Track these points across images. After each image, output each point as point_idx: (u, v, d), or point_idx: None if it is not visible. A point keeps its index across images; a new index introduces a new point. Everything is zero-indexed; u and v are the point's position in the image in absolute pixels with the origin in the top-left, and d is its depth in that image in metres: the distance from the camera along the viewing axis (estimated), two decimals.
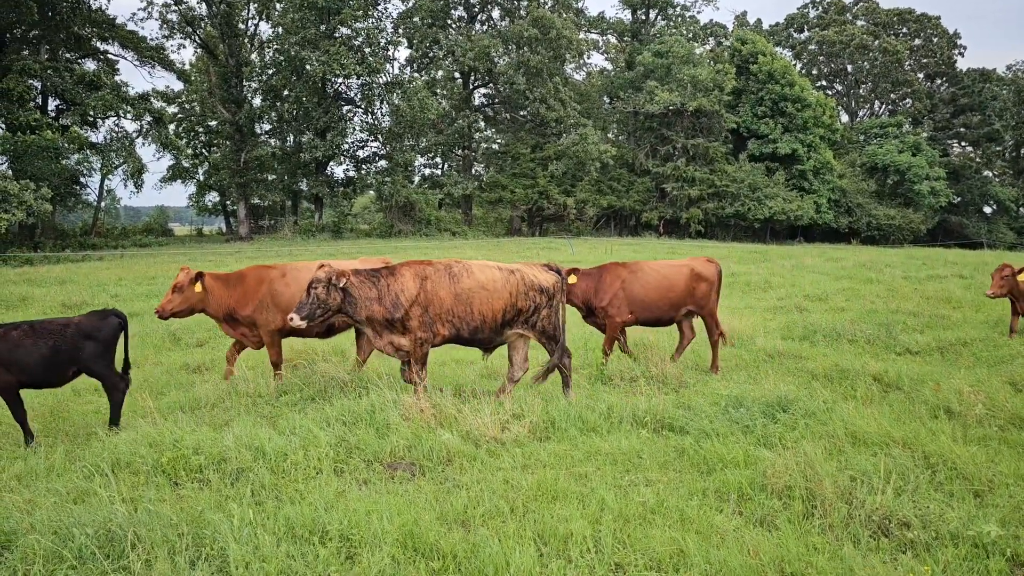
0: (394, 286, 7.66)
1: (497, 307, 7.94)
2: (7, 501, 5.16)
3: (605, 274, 9.99)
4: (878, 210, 58.42)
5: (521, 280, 8.06)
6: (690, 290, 10.08)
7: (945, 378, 8.85)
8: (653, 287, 9.94)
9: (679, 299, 10.04)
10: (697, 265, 10.34)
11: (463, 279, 7.82)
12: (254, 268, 9.36)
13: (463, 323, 7.86)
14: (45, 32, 38.94)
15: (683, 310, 10.12)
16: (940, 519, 4.99)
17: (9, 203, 30.33)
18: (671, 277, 10.08)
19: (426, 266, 7.85)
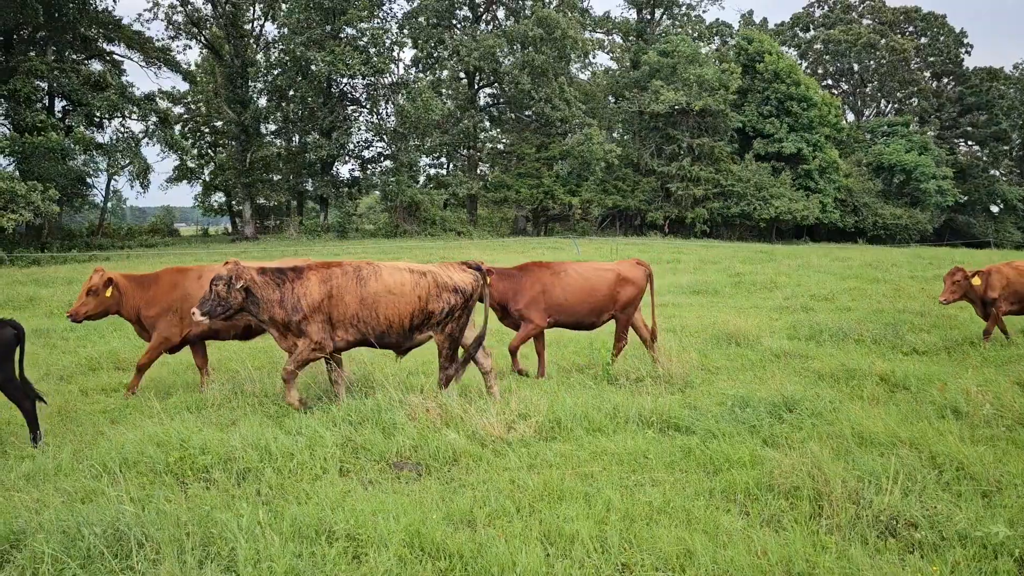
0: (298, 289, 7.52)
1: (405, 311, 7.74)
2: (16, 501, 5.17)
3: (525, 276, 9.63)
4: (884, 209, 58.27)
5: (433, 282, 7.86)
6: (614, 295, 9.75)
7: (952, 378, 8.82)
8: (575, 290, 9.58)
9: (602, 303, 9.74)
10: (624, 268, 10.01)
11: (370, 283, 7.63)
12: (168, 271, 9.11)
13: (369, 328, 7.68)
14: (51, 33, 39.06)
15: (606, 315, 9.86)
16: (948, 520, 4.97)
17: (16, 204, 30.44)
18: (594, 280, 9.74)
19: (334, 269, 7.69)
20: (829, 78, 74.37)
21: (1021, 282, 11.36)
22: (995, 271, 11.45)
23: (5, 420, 7.71)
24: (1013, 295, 11.36)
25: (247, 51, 49.02)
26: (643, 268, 10.17)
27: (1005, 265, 11.62)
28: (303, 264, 7.79)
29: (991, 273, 11.42)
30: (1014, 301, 11.40)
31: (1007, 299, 11.33)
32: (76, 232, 43.92)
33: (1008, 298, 11.33)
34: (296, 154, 50.05)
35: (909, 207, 59.22)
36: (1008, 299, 11.34)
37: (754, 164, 55.93)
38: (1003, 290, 11.27)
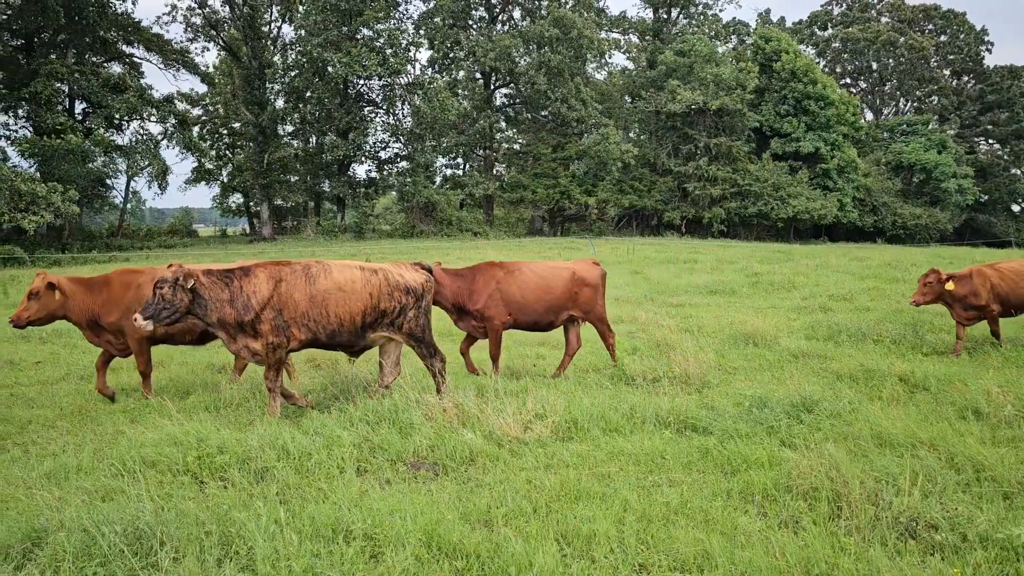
0: (247, 288, 7.40)
1: (356, 309, 7.63)
2: (38, 499, 5.23)
3: (479, 275, 9.49)
4: (904, 209, 57.78)
5: (384, 280, 7.77)
6: (571, 294, 9.69)
7: (973, 379, 8.73)
8: (531, 289, 9.49)
9: (559, 303, 9.64)
10: (579, 268, 9.93)
11: (320, 280, 7.54)
12: (120, 272, 8.84)
13: (319, 326, 7.57)
14: (72, 36, 39.50)
15: (564, 315, 9.74)
16: (969, 521, 4.92)
17: (37, 205, 30.80)
18: (550, 279, 9.64)
19: (282, 267, 7.59)
20: (847, 77, 73.81)
21: (1002, 285, 11.04)
22: (977, 273, 11.14)
23: (27, 420, 7.81)
24: (996, 297, 11.06)
25: (264, 53, 49.34)
26: (598, 268, 10.07)
27: (986, 266, 11.31)
28: (251, 264, 7.67)
29: (973, 275, 11.10)
30: (999, 303, 11.10)
31: (993, 301, 11.04)
32: (96, 233, 44.38)
33: (994, 300, 11.05)
34: (313, 155, 50.31)
35: (929, 206, 58.67)
36: (994, 301, 11.05)
37: (771, 164, 55.64)
38: (989, 293, 10.97)
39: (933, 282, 11.02)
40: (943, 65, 72.16)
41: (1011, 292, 11.05)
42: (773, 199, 54.25)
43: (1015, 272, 11.20)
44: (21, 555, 4.53)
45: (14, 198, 30.30)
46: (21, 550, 4.56)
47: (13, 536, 4.65)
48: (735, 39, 70.15)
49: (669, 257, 29.97)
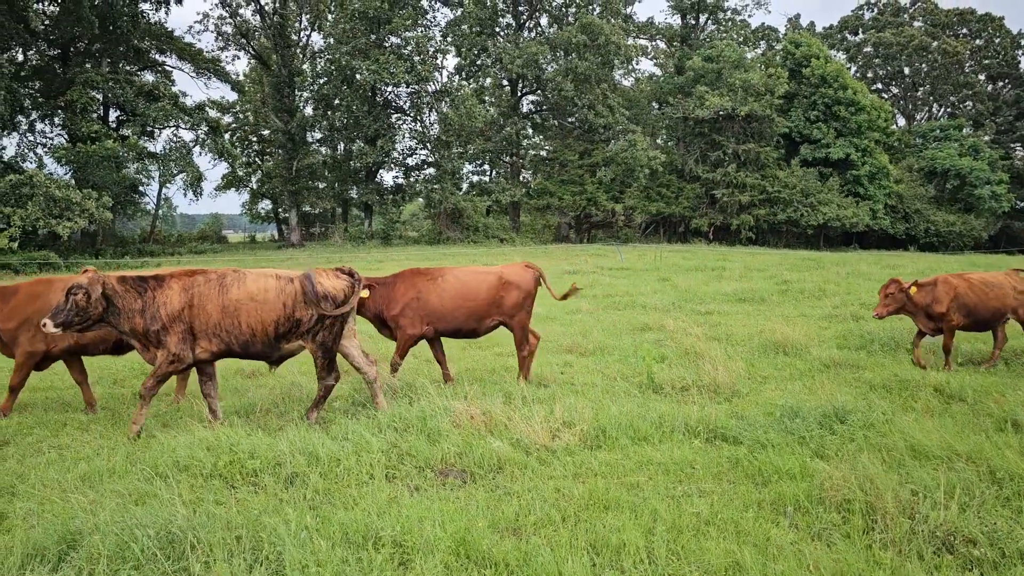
0: (159, 298, 7.26)
1: (268, 319, 7.44)
2: (73, 502, 5.30)
3: (399, 282, 9.30)
4: (937, 216, 56.90)
5: (300, 289, 7.57)
6: (496, 299, 9.34)
7: (1011, 389, 8.57)
8: (451, 296, 9.19)
9: (482, 309, 9.31)
10: (508, 272, 9.57)
11: (232, 290, 7.37)
12: (31, 282, 8.55)
13: (232, 337, 7.41)
14: (106, 45, 40.23)
15: (489, 321, 9.42)
16: (1008, 536, 4.81)
17: (72, 211, 31.35)
18: (473, 285, 9.34)
19: (197, 276, 7.42)
20: (879, 82, 72.94)
21: (970, 295, 10.56)
22: (942, 282, 10.67)
23: (61, 423, 7.92)
24: (962, 308, 10.53)
25: (294, 61, 49.87)
26: (531, 272, 9.71)
27: (954, 276, 10.85)
28: (166, 272, 7.51)
29: (937, 284, 10.65)
30: (964, 315, 10.57)
31: (956, 312, 10.52)
32: (128, 239, 45.05)
33: (958, 311, 10.52)
34: (341, 162, 50.72)
35: (963, 213, 57.72)
36: (958, 312, 10.53)
37: (801, 170, 55.10)
38: (951, 303, 10.47)
39: (894, 292, 10.60)
40: (978, 70, 71.04)
41: (980, 303, 10.59)
42: (803, 206, 53.71)
43: (985, 283, 10.80)
44: (57, 557, 4.59)
45: (49, 204, 30.88)
46: (57, 552, 4.63)
47: (49, 538, 4.71)
48: (764, 44, 69.68)
49: (697, 264, 29.77)
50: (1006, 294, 10.80)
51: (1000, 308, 10.75)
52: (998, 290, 10.79)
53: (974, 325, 10.80)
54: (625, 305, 17.38)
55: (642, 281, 23.06)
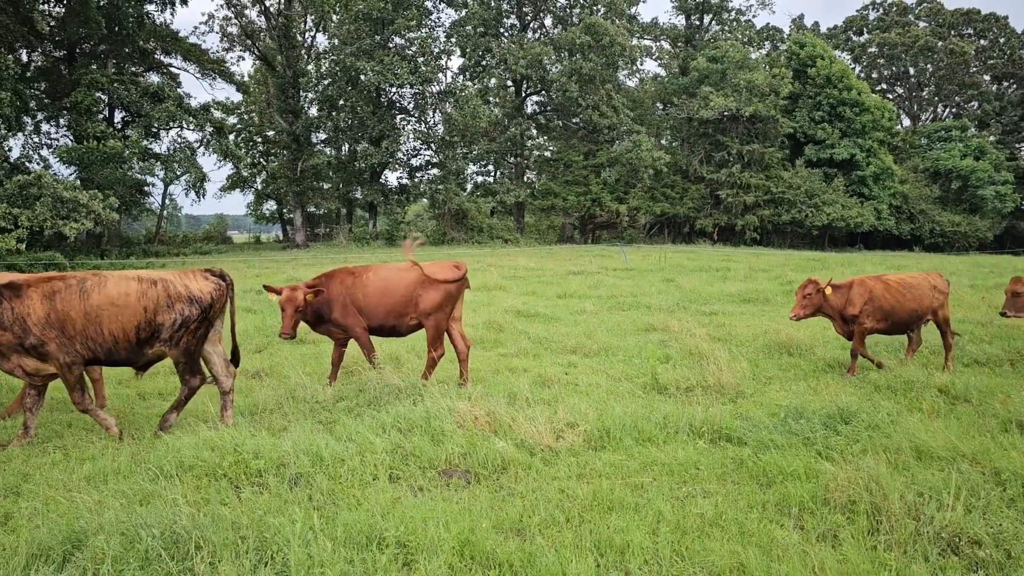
0: (18, 309, 6.92)
1: (129, 324, 7.15)
2: (78, 502, 5.32)
3: (332, 283, 9.20)
4: (942, 216, 56.82)
5: (164, 292, 7.26)
6: (414, 298, 9.16)
7: (1016, 390, 8.54)
8: (373, 294, 9.12)
9: (399, 308, 9.17)
10: (431, 269, 9.35)
11: (93, 295, 7.07)
12: None
13: (96, 344, 7.14)
14: (112, 47, 40.33)
15: (409, 320, 9.26)
16: (1014, 537, 4.81)
17: (78, 212, 31.42)
18: (392, 282, 9.19)
19: (55, 282, 7.09)
20: (884, 82, 72.81)
21: (887, 297, 10.25)
22: (858, 284, 10.38)
23: (66, 423, 7.95)
24: (878, 311, 10.22)
25: (299, 62, 49.93)
26: (458, 270, 9.44)
27: (870, 278, 10.53)
28: (21, 280, 7.12)
29: (853, 286, 10.35)
30: (880, 318, 10.26)
31: (871, 315, 10.19)
32: (134, 239, 45.15)
33: (872, 314, 10.20)
34: (346, 162, 50.77)
35: (968, 214, 57.60)
36: (872, 315, 10.20)
37: (805, 171, 55.06)
38: (865, 305, 10.18)
39: (812, 293, 10.25)
40: (983, 70, 70.89)
41: (897, 306, 10.28)
42: (807, 207, 53.67)
43: (903, 284, 10.50)
44: (62, 557, 4.60)
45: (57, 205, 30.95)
46: (62, 552, 4.64)
47: (54, 538, 4.72)
48: (768, 45, 69.62)
49: (701, 265, 29.74)
50: (923, 295, 10.50)
51: (917, 310, 10.45)
52: (916, 291, 10.48)
53: (892, 328, 10.49)
54: (629, 306, 17.37)
55: (646, 282, 23.04)
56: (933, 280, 10.81)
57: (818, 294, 10.24)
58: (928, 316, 10.65)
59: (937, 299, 10.64)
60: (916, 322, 10.64)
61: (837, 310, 10.35)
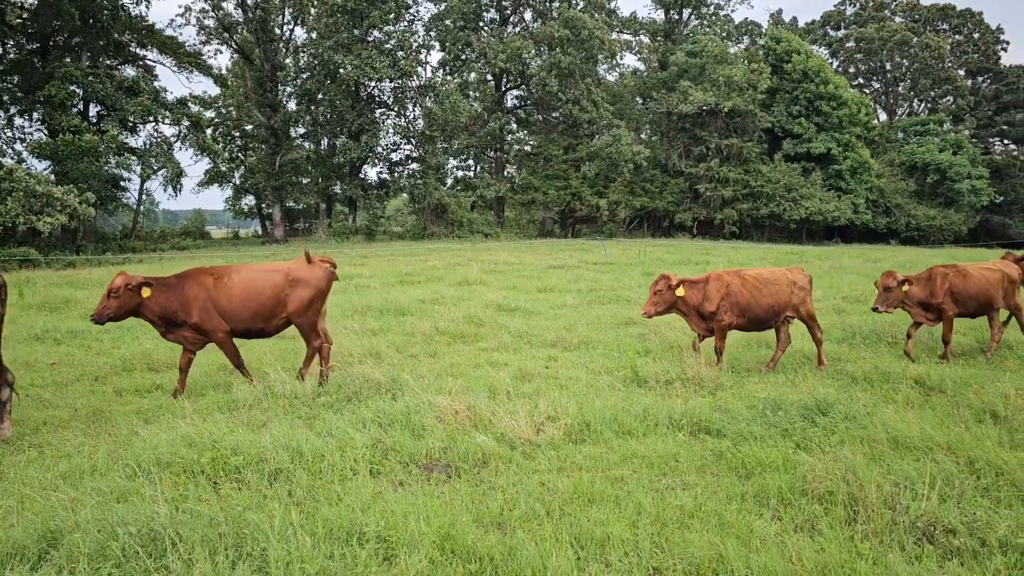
0: None
1: None
2: (53, 500, 5.25)
3: (188, 283, 8.74)
4: (918, 210, 57.48)
5: None
6: (282, 298, 8.97)
7: (990, 381, 8.66)
8: (237, 295, 8.78)
9: (267, 309, 8.94)
10: (295, 269, 9.20)
11: None
12: None
13: None
14: (86, 39, 39.77)
15: (278, 320, 9.07)
16: (987, 526, 4.87)
17: (53, 207, 31.01)
18: (259, 283, 8.93)
19: None
20: (860, 77, 73.48)
21: (743, 293, 9.92)
22: (714, 279, 10.06)
23: (41, 421, 7.85)
24: (735, 307, 9.91)
25: (277, 55, 49.55)
26: (323, 268, 9.35)
27: (727, 272, 10.20)
28: None
29: (709, 281, 10.02)
30: (738, 314, 9.94)
31: (729, 311, 9.89)
32: (110, 235, 44.62)
33: (730, 310, 9.89)
34: (325, 157, 50.48)
35: (943, 207, 58.30)
36: (730, 311, 9.90)
37: (783, 165, 55.48)
38: (722, 301, 9.87)
39: (663, 289, 9.91)
40: (958, 65, 71.72)
41: (753, 302, 9.95)
42: (785, 200, 54.10)
43: (760, 280, 10.15)
44: (37, 555, 4.55)
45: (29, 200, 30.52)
46: (37, 551, 4.59)
47: (29, 537, 4.67)
48: (747, 40, 70.01)
49: (681, 259, 29.88)
50: (781, 290, 10.13)
51: (774, 306, 10.07)
52: (774, 287, 10.12)
53: (751, 325, 10.17)
54: (609, 299, 17.41)
55: (626, 276, 23.11)
56: (793, 276, 10.40)
57: (669, 291, 9.91)
58: (790, 313, 10.27)
59: (797, 295, 10.25)
60: (774, 319, 10.22)
61: (693, 306, 10.03)
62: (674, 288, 9.88)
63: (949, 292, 10.60)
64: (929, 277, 10.75)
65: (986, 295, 10.79)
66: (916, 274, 10.93)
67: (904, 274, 10.64)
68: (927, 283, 10.70)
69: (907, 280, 10.48)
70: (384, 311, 15.06)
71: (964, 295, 10.65)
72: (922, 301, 10.68)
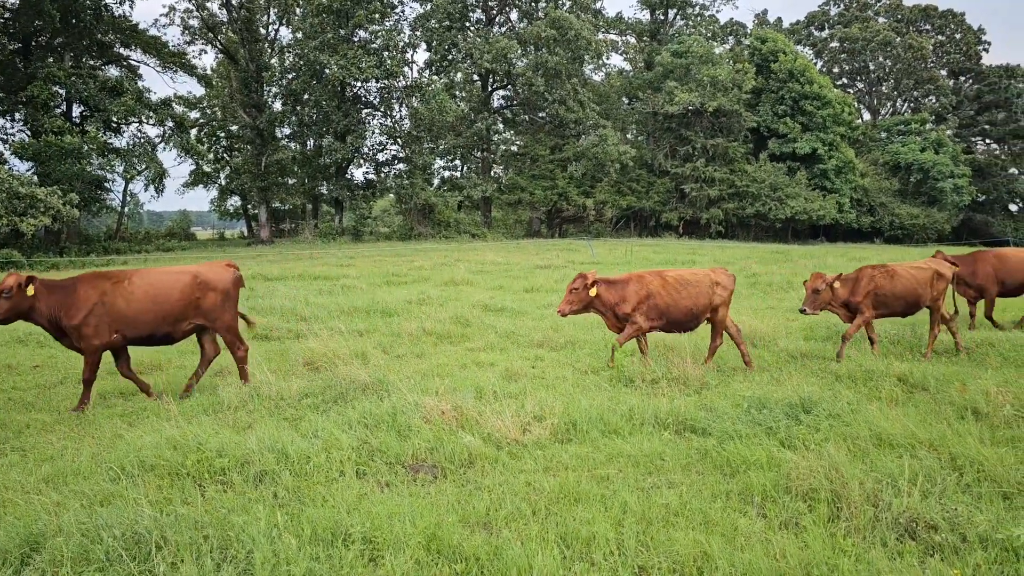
0: None
1: None
2: (36, 503, 5.22)
3: (80, 286, 8.37)
4: (901, 209, 57.93)
5: None
6: (192, 301, 8.77)
7: (972, 378, 8.73)
8: (139, 300, 8.46)
9: (175, 313, 8.67)
10: (204, 272, 8.98)
11: None
12: None
13: None
14: (69, 39, 39.47)
15: (185, 324, 8.82)
16: (968, 522, 4.92)
17: (36, 208, 30.75)
18: (165, 286, 8.67)
19: None
20: (844, 77, 73.94)
21: (662, 294, 9.73)
22: (635, 279, 9.88)
23: (24, 423, 7.79)
24: (653, 309, 9.73)
25: (262, 56, 49.31)
26: (230, 272, 9.21)
27: (649, 273, 10.05)
28: None
29: (630, 282, 9.83)
30: (655, 316, 9.76)
31: (645, 314, 9.69)
32: (94, 236, 44.29)
33: (647, 313, 9.70)
34: (311, 158, 50.30)
35: (926, 206, 58.78)
36: (647, 314, 9.70)
37: (769, 164, 55.79)
38: (640, 303, 9.69)
39: (579, 288, 9.68)
40: (940, 65, 72.31)
41: (672, 304, 9.76)
42: (771, 200, 54.39)
43: (681, 281, 9.95)
44: (19, 560, 4.52)
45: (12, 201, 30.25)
46: (19, 555, 4.55)
47: (11, 541, 4.63)
48: (732, 40, 70.33)
49: (668, 258, 29.98)
50: (702, 292, 9.92)
51: (693, 308, 9.89)
52: (693, 288, 9.90)
53: (669, 326, 9.94)
54: None
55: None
56: (716, 276, 10.17)
57: (585, 289, 9.66)
58: (708, 314, 10.10)
59: (719, 296, 10.05)
60: (693, 321, 10.03)
61: (609, 307, 9.79)
62: (588, 287, 9.67)
63: (873, 293, 10.62)
64: (857, 277, 10.79)
65: (913, 294, 10.82)
66: (846, 275, 10.92)
67: (833, 275, 10.64)
68: (854, 283, 10.74)
69: (836, 280, 10.50)
70: (371, 312, 15.04)
71: (890, 295, 10.69)
72: (845, 301, 10.71)
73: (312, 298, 16.72)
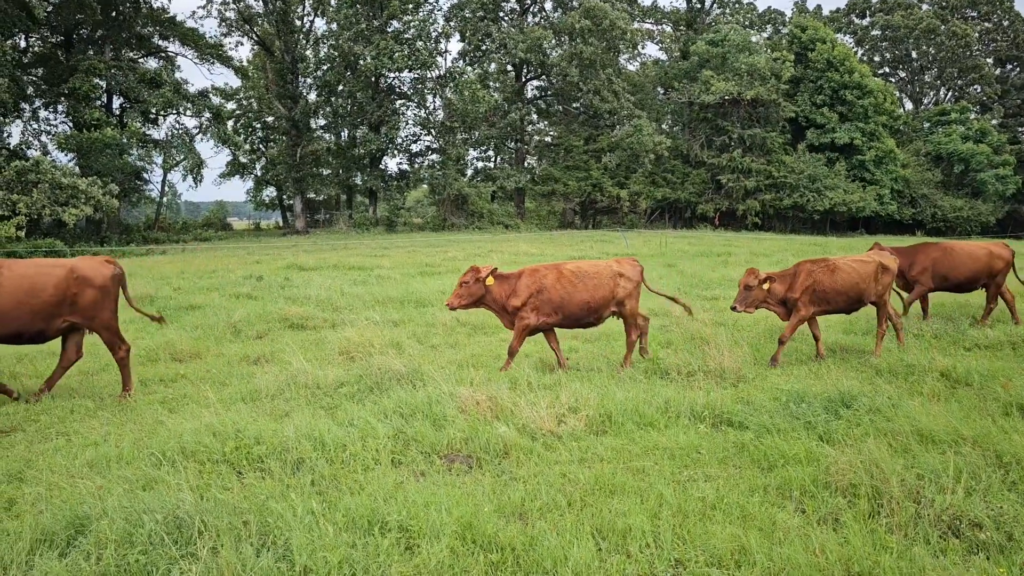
0: None
1: None
2: (80, 487, 5.32)
3: None
4: (944, 201, 56.65)
5: None
6: (67, 297, 8.23)
7: (1017, 374, 8.54)
8: (9, 292, 7.87)
9: (48, 309, 8.12)
10: (81, 266, 8.45)
11: None
12: None
13: None
14: (109, 32, 40.17)
15: (60, 322, 8.28)
16: (1015, 520, 4.80)
17: (77, 199, 31.39)
18: (40, 280, 8.10)
19: None
20: (886, 66, 72.45)
21: (557, 288, 9.17)
22: (528, 273, 9.35)
23: (69, 409, 7.96)
24: (546, 304, 9.17)
25: (297, 47, 49.71)
26: (111, 267, 8.70)
27: (544, 266, 9.43)
28: None
29: (522, 276, 9.33)
30: (548, 312, 9.20)
31: (536, 309, 9.16)
32: (133, 226, 45.10)
33: (538, 308, 9.16)
34: (345, 148, 50.65)
35: (970, 198, 57.44)
36: (538, 309, 9.17)
37: (807, 155, 54.91)
38: (531, 298, 9.16)
39: (470, 282, 9.11)
40: (986, 53, 70.46)
41: (567, 298, 9.19)
42: (809, 191, 53.56)
43: (578, 274, 9.35)
44: (65, 542, 4.61)
45: (55, 192, 30.91)
46: (65, 537, 4.65)
47: (57, 523, 4.73)
48: (770, 28, 69.22)
49: (703, 250, 29.70)
50: (601, 285, 9.35)
51: (591, 302, 9.30)
52: (592, 281, 9.33)
53: (566, 322, 9.42)
54: None
55: (647, 267, 22.91)
56: (620, 268, 9.66)
57: (477, 284, 9.13)
58: (613, 308, 9.56)
59: (623, 288, 9.52)
60: (592, 315, 9.45)
61: (499, 302, 9.28)
62: (483, 280, 9.13)
63: (812, 289, 9.95)
64: (795, 273, 10.12)
65: (856, 289, 10.13)
66: (782, 271, 10.32)
67: (768, 272, 10.09)
68: (791, 279, 10.08)
69: (769, 278, 9.86)
70: (405, 302, 15.12)
71: (830, 291, 9.98)
72: (783, 298, 10.07)
73: (347, 288, 16.85)
